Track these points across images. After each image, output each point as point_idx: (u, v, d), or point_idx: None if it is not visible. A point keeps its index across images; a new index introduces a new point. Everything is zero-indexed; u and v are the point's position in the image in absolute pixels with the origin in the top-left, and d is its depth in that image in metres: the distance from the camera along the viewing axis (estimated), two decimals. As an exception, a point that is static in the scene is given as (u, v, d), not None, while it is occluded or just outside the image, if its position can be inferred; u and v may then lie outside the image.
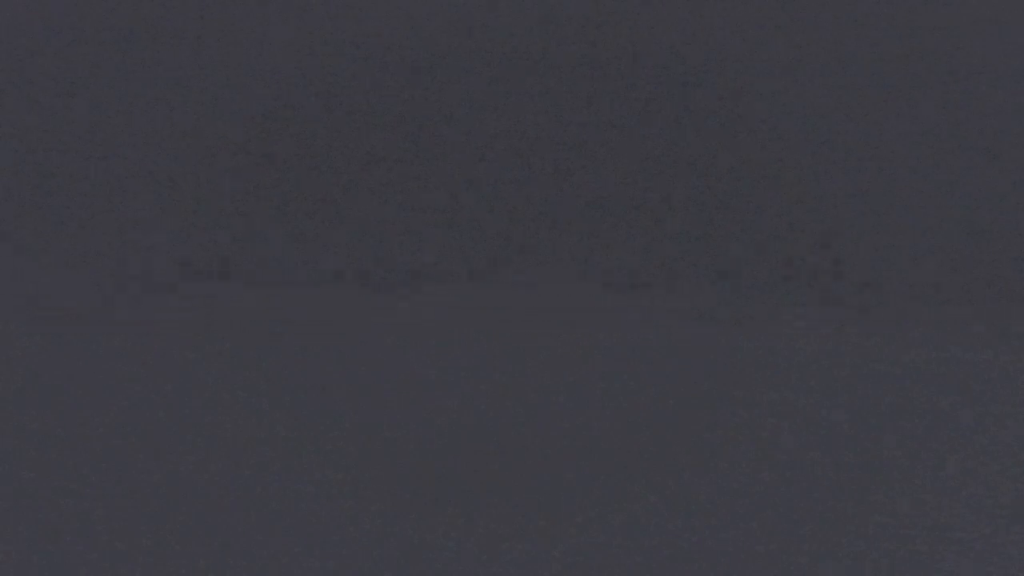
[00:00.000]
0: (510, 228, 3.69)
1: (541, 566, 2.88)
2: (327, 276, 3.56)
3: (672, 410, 3.29)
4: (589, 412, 3.29)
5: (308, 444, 3.18)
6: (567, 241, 3.68)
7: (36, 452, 3.17)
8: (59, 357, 3.41)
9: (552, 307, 3.56)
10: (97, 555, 2.93)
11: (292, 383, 3.33)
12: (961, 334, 3.56)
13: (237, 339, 3.44)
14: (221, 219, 3.64)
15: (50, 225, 3.65)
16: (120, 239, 3.62)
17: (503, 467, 3.13)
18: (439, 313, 3.52)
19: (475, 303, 3.54)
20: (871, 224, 3.77)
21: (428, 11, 3.96)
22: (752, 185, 3.80)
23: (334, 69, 3.91)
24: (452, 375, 3.37)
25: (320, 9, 3.96)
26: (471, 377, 3.36)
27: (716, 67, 3.97)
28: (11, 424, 3.24)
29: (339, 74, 3.89)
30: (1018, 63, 3.92)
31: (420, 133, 3.83)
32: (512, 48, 3.98)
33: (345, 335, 3.47)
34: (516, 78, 3.92)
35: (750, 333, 3.48)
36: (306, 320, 3.49)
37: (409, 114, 3.83)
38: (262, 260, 3.59)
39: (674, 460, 3.16)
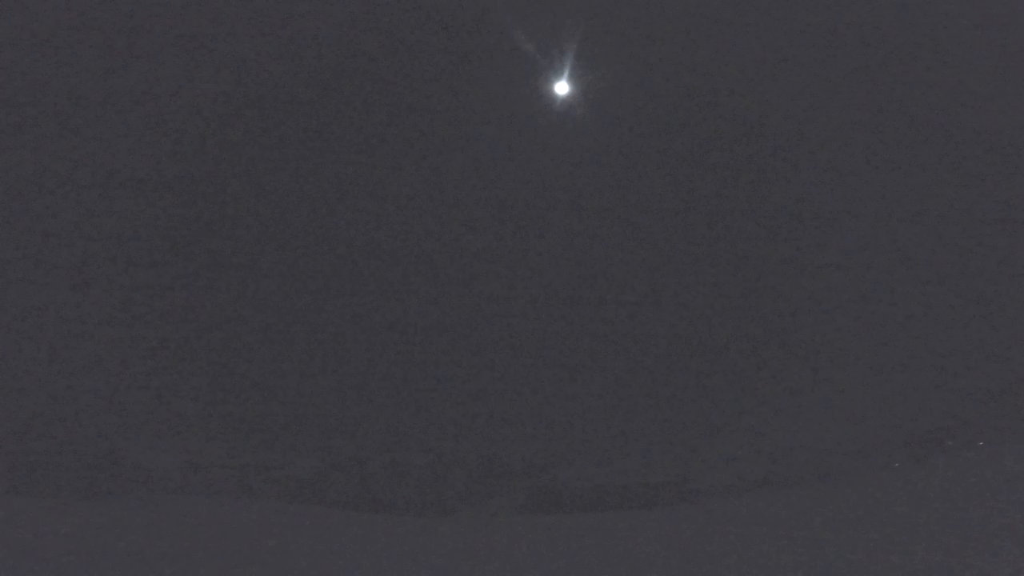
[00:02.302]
0: (509, 232, 3.66)
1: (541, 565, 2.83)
2: (324, 278, 3.54)
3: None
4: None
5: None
6: (566, 244, 3.66)
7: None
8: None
9: (553, 308, 3.53)
10: None
11: (293, 379, 3.31)
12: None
13: (236, 338, 3.42)
14: (214, 217, 3.63)
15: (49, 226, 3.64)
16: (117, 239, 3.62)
17: (504, 466, 3.10)
18: (436, 317, 3.50)
19: (472, 305, 3.52)
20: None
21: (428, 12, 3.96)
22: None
23: (333, 71, 3.91)
24: (451, 374, 3.34)
25: (320, 10, 3.96)
26: (471, 379, 3.33)
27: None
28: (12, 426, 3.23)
29: (338, 75, 3.89)
30: (1018, 63, 3.88)
31: (421, 135, 3.82)
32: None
33: (343, 334, 3.44)
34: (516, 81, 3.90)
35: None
36: (304, 320, 3.47)
37: (408, 116, 3.83)
38: (256, 258, 3.57)
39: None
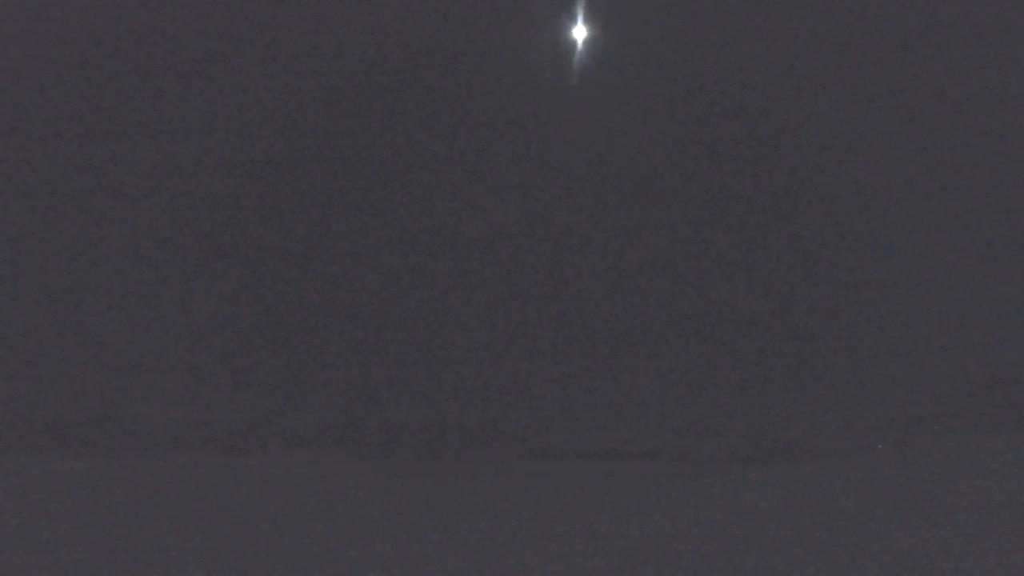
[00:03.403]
0: (518, 194, 3.70)
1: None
2: (325, 241, 3.58)
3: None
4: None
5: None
6: (569, 247, 3.70)
7: None
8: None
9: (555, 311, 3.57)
10: None
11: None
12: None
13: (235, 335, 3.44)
14: (222, 220, 3.67)
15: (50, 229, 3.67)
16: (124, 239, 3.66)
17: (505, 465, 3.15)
18: (438, 279, 3.54)
19: (474, 268, 3.56)
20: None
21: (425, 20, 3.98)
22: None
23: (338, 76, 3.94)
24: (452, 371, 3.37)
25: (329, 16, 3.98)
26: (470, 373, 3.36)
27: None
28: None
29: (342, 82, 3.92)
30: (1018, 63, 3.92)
31: (424, 140, 3.86)
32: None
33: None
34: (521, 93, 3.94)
35: None
36: (304, 279, 3.50)
37: (410, 124, 3.86)
38: (259, 221, 3.61)
39: None
